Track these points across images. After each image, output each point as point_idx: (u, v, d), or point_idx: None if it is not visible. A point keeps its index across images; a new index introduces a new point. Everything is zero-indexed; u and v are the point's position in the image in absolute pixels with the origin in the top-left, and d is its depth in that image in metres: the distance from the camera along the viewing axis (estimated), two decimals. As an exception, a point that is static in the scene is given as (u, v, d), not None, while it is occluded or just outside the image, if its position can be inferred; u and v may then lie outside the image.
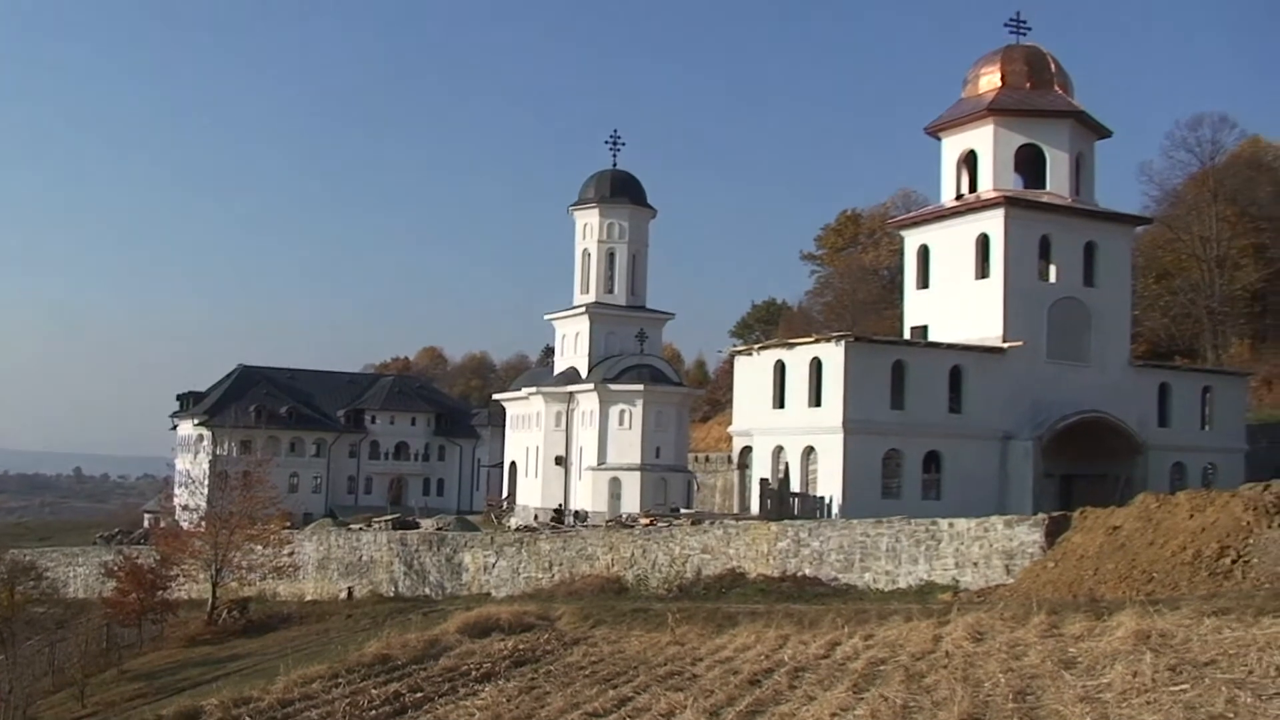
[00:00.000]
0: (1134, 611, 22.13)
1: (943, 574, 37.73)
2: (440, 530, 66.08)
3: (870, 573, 40.05)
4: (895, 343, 55.88)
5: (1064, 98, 59.37)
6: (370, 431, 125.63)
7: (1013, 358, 54.35)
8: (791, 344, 55.35)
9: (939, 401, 53.11)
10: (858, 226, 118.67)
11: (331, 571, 64.41)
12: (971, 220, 56.95)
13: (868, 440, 50.77)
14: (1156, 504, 33.47)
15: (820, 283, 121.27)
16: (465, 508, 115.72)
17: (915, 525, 39.49)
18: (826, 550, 41.74)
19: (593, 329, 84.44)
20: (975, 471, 52.83)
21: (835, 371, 51.22)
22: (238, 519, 58.68)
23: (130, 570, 59.53)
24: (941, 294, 58.32)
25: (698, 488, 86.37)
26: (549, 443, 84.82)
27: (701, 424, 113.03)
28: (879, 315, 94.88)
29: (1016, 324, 54.90)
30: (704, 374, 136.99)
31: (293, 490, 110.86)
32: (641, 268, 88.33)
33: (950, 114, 60.91)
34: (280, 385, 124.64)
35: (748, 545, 44.55)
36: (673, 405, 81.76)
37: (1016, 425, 53.92)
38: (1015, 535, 36.21)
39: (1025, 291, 55.54)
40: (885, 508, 46.72)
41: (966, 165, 60.19)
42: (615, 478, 79.16)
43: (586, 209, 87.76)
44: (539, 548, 54.05)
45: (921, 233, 60.29)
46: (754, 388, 56.59)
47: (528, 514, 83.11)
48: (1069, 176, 58.17)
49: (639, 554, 48.74)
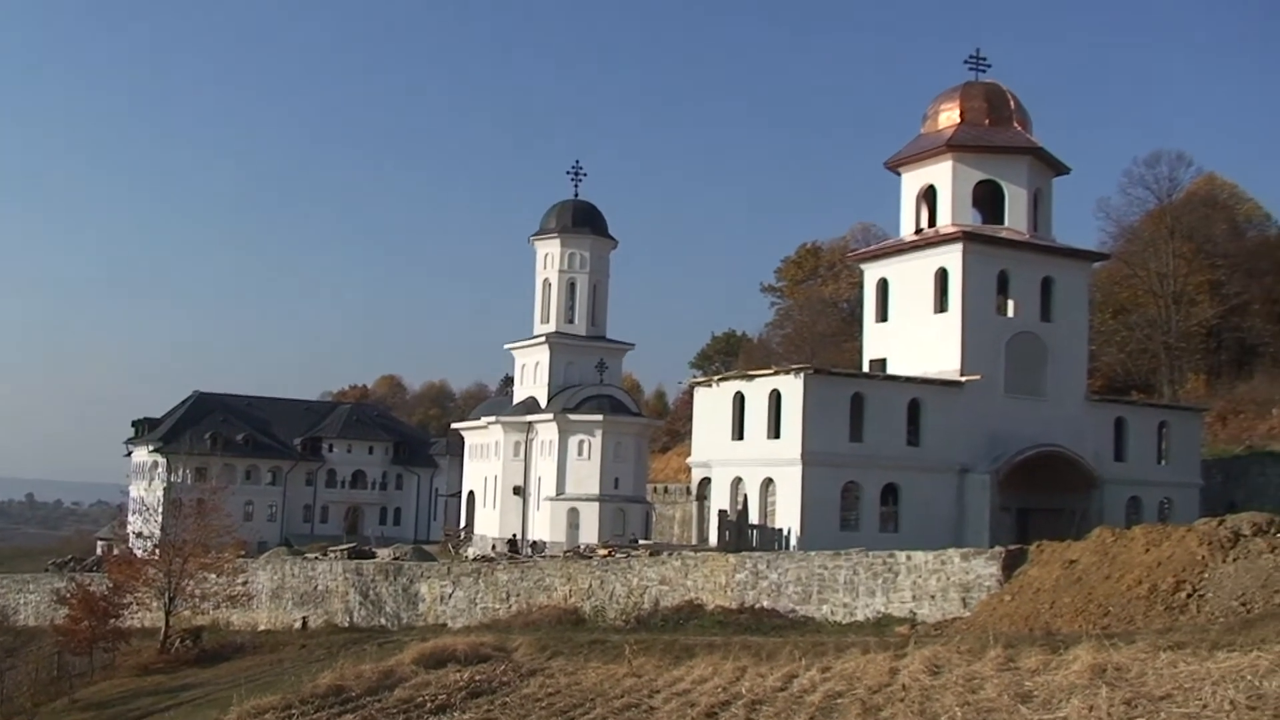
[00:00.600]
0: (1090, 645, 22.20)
1: (900, 606, 37.76)
2: (397, 560, 65.65)
3: (828, 605, 40.03)
4: (854, 375, 56.01)
5: (1022, 134, 59.91)
6: (327, 460, 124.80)
7: (970, 391, 54.61)
8: (751, 375, 55.41)
9: (897, 434, 53.24)
10: (817, 259, 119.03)
11: (286, 601, 63.81)
12: (930, 254, 57.27)
13: (826, 472, 50.80)
14: (1113, 538, 33.65)
15: (780, 315, 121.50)
16: (422, 537, 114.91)
17: (873, 558, 39.54)
18: (784, 582, 41.71)
19: (552, 359, 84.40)
20: (933, 504, 52.97)
21: (794, 403, 51.29)
22: (192, 547, 58.16)
23: (82, 598, 58.87)
24: (900, 327, 58.56)
25: (656, 519, 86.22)
26: (507, 472, 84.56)
27: (660, 455, 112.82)
28: (838, 348, 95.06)
29: (974, 358, 55.18)
30: (663, 405, 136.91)
31: (248, 518, 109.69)
32: (602, 298, 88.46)
33: (910, 149, 61.33)
34: (237, 412, 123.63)
35: (706, 577, 44.46)
36: (632, 436, 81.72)
37: (974, 458, 54.13)
38: (972, 568, 36.29)
39: (983, 326, 55.87)
40: (843, 540, 46.75)
41: (926, 200, 60.56)
42: (574, 508, 78.95)
43: (548, 239, 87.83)
44: (496, 578, 53.76)
45: (881, 266, 60.56)
46: (713, 419, 56.59)
47: (485, 544, 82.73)
48: (1027, 212, 58.63)
49: (597, 585, 48.56)
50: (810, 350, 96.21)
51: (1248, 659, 19.17)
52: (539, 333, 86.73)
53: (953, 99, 60.76)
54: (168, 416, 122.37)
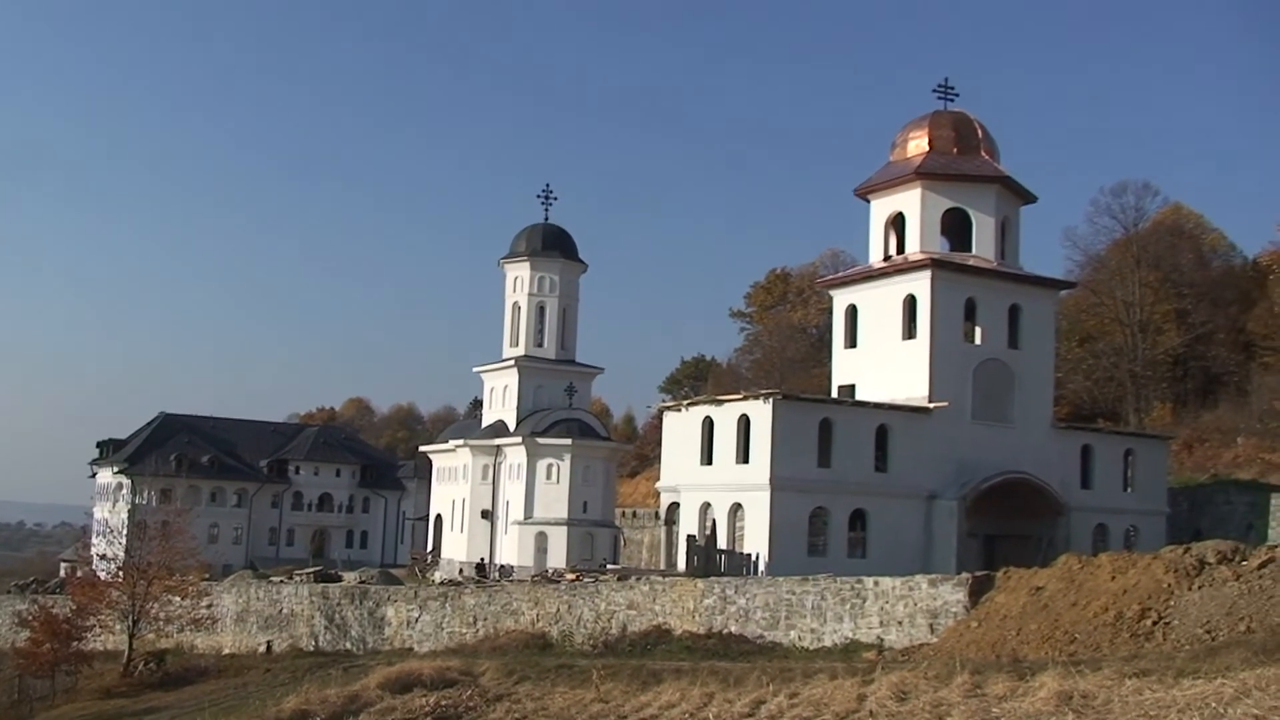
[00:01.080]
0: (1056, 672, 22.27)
1: (867, 632, 37.78)
2: (363, 583, 65.30)
3: (796, 630, 40.02)
4: (823, 401, 56.12)
5: (990, 163, 60.35)
6: (294, 482, 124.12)
7: (938, 418, 54.83)
8: (720, 401, 55.51)
9: (865, 460, 53.39)
10: (787, 285, 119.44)
11: (251, 624, 63.36)
12: (899, 281, 57.54)
13: (795, 498, 50.89)
14: (1079, 565, 33.79)
15: (749, 340, 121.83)
16: (389, 561, 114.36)
17: (841, 583, 39.57)
18: (752, 608, 41.68)
19: (521, 382, 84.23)
20: (900, 530, 53.11)
21: (763, 429, 51.39)
22: (156, 569, 57.76)
23: (45, 620, 58.31)
24: (869, 353, 58.77)
25: (625, 543, 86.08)
26: (475, 496, 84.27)
27: (629, 479, 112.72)
28: (807, 373, 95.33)
29: (942, 384, 55.43)
30: (632, 429, 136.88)
31: (213, 541, 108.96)
32: (571, 321, 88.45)
33: (879, 177, 61.67)
34: (202, 434, 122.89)
35: (674, 602, 44.40)
36: (601, 460, 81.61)
37: (941, 485, 54.32)
38: (939, 594, 36.36)
39: (951, 352, 56.15)
40: (811, 565, 46.85)
41: (894, 227, 60.88)
42: (542, 532, 78.73)
43: (517, 262, 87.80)
44: (463, 602, 53.54)
45: (850, 293, 60.79)
46: (682, 444, 56.61)
47: (453, 568, 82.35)
48: (994, 240, 59.01)
49: (564, 609, 48.41)
50: (779, 376, 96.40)
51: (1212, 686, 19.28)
52: (508, 356, 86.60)
53: (921, 127, 61.17)
54: (133, 438, 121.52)
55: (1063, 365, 73.77)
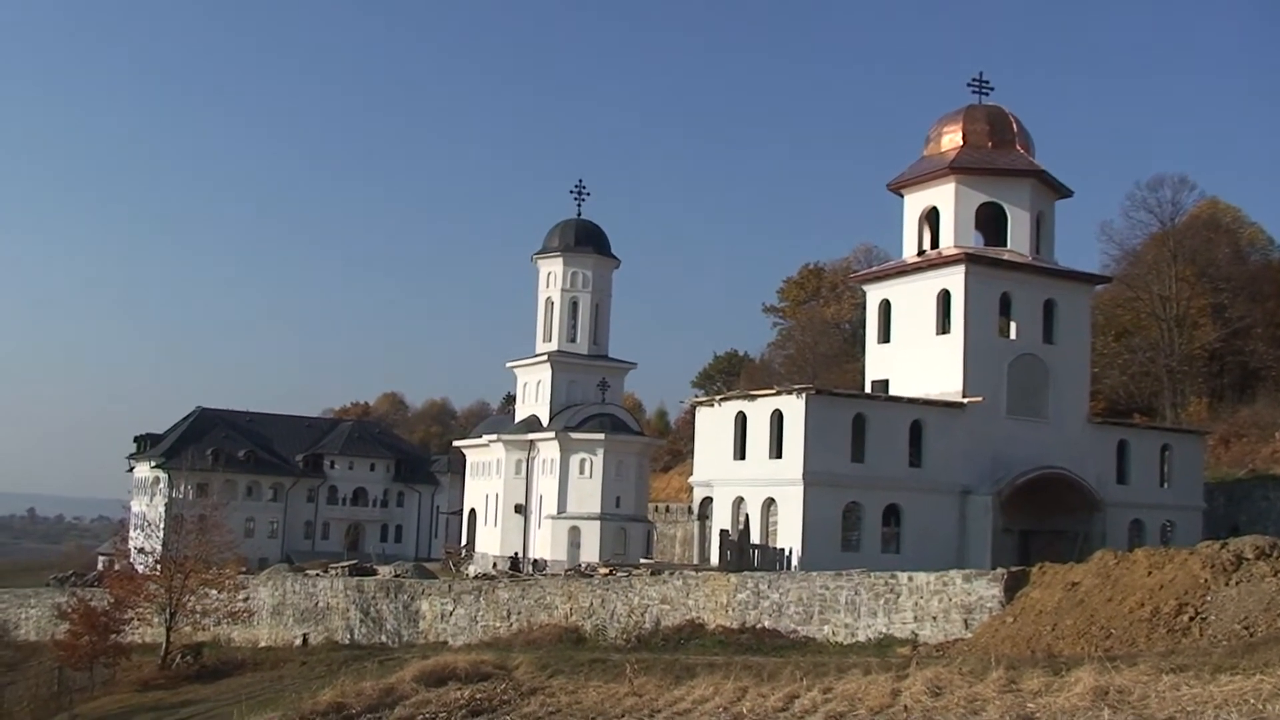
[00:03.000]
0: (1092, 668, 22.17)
1: (901, 628, 37.70)
2: (398, 577, 65.51)
3: (829, 625, 39.97)
4: (856, 396, 55.99)
5: (1025, 157, 60.01)
6: (328, 477, 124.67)
7: (972, 413, 54.62)
8: (753, 395, 55.47)
9: (899, 455, 53.25)
10: (819, 280, 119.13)
11: (287, 618, 63.71)
12: (933, 276, 57.33)
13: (828, 493, 50.83)
14: (1115, 561, 33.62)
15: (782, 335, 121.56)
16: (423, 555, 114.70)
17: (875, 578, 39.49)
18: (786, 602, 41.65)
19: (554, 377, 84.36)
20: (934, 526, 52.95)
21: (796, 424, 51.33)
22: (193, 563, 58.12)
23: (83, 613, 58.83)
24: (902, 348, 58.59)
25: (657, 538, 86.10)
26: (509, 490, 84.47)
27: (662, 474, 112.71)
28: (840, 369, 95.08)
29: (976, 380, 55.21)
30: (665, 424, 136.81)
31: (249, 535, 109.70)
32: (604, 317, 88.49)
33: (912, 171, 61.45)
34: (238, 428, 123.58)
35: (707, 596, 44.40)
36: (633, 455, 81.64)
37: (976, 480, 54.13)
38: (974, 590, 36.25)
39: (985, 348, 55.90)
40: (845, 560, 46.69)
41: (928, 222, 60.66)
42: (575, 526, 78.83)
43: (550, 258, 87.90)
44: (497, 596, 53.68)
45: (883, 288, 60.64)
46: (715, 439, 56.61)
47: (486, 562, 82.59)
48: (1029, 235, 58.70)
49: (598, 604, 48.49)
50: (812, 371, 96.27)
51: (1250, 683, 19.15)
52: (541, 351, 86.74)
53: (955, 122, 60.90)
54: (170, 432, 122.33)
55: (1098, 360, 73.23)
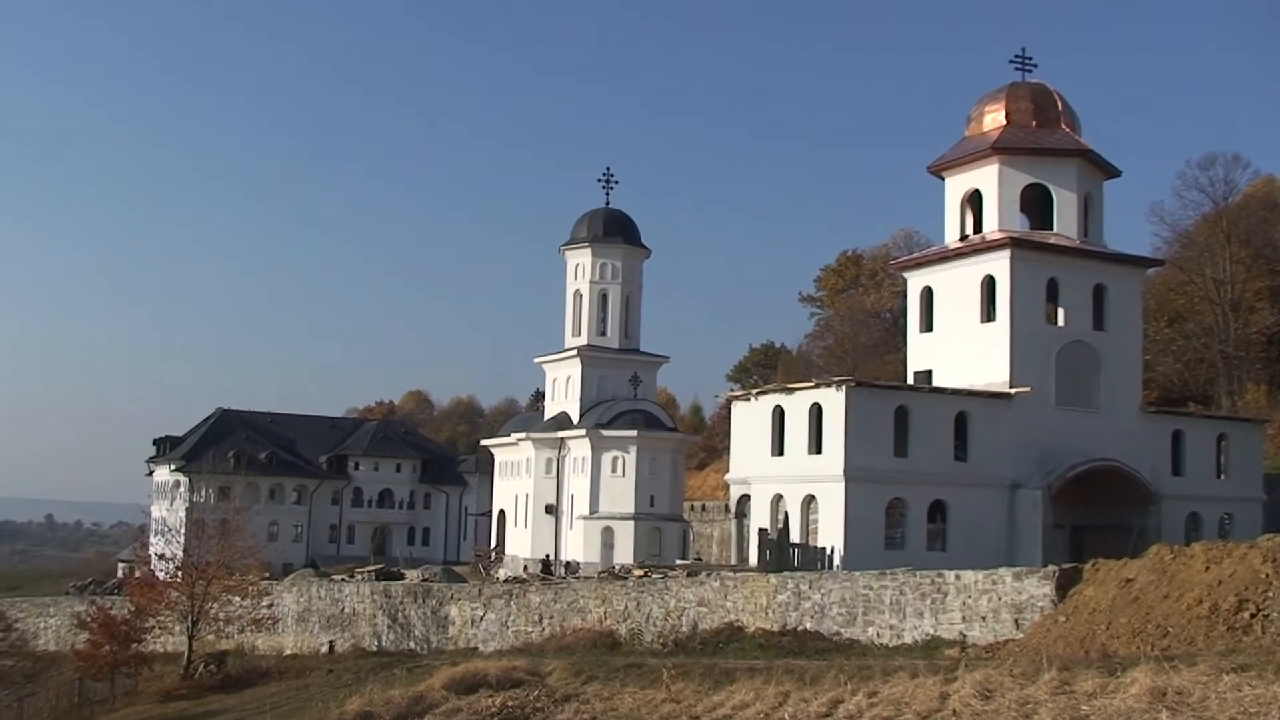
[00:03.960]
0: (1149, 668, 22.02)
1: (949, 628, 37.55)
2: (426, 581, 65.75)
3: (874, 627, 39.86)
4: (898, 388, 55.88)
5: (1071, 136, 59.67)
6: (353, 478, 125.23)
7: (1020, 404, 54.37)
8: (790, 389, 55.39)
9: (944, 449, 53.06)
10: (858, 267, 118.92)
11: (312, 624, 64.02)
12: (976, 262, 57.09)
13: (870, 489, 50.72)
14: (1171, 556, 33.35)
15: (820, 325, 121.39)
16: (452, 558, 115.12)
17: (920, 577, 39.34)
18: (828, 603, 41.56)
19: (584, 373, 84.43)
20: (982, 522, 52.75)
21: (836, 417, 51.22)
22: (215, 569, 58.38)
23: (103, 622, 59.19)
24: (946, 338, 58.40)
25: (693, 538, 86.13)
26: (539, 490, 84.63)
27: (697, 471, 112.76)
28: (881, 359, 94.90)
29: (1024, 369, 54.95)
30: (700, 420, 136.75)
31: (272, 539, 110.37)
32: (635, 309, 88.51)
33: (954, 153, 61.19)
34: (260, 430, 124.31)
35: (746, 598, 44.36)
36: (667, 452, 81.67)
37: (1025, 474, 53.88)
38: (1024, 588, 36.06)
39: (1032, 335, 55.62)
40: (889, 559, 46.65)
41: (971, 205, 60.41)
42: (608, 527, 78.94)
43: (578, 249, 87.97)
44: (528, 600, 53.78)
45: (925, 274, 60.43)
46: (752, 434, 56.54)
47: (517, 565, 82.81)
48: (1077, 217, 58.36)
49: (633, 607, 48.50)
50: (852, 362, 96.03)
51: (1316, 682, 18.98)
52: (570, 346, 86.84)
53: (998, 100, 60.58)
54: (190, 434, 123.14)
55: (1151, 347, 72.78)
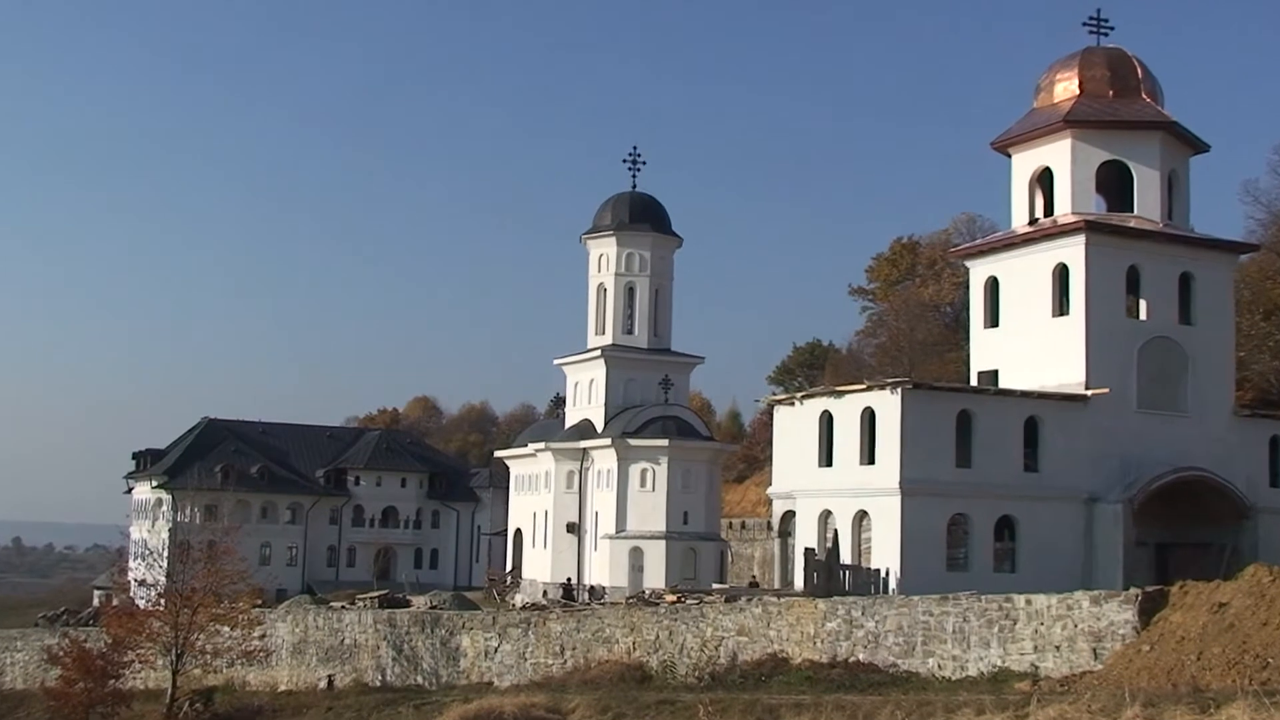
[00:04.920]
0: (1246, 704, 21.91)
1: (1019, 659, 37.46)
2: (435, 609, 65.94)
3: (934, 658, 39.79)
4: (960, 390, 55.83)
5: (1153, 107, 59.44)
6: (353, 494, 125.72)
7: (1097, 407, 54.14)
8: (840, 392, 55.33)
9: (1012, 458, 52.93)
10: (915, 256, 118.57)
11: (309, 657, 64.26)
12: (1047, 249, 56.89)
13: (930, 503, 50.64)
14: (1270, 577, 33.19)
15: (872, 321, 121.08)
16: (463, 583, 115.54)
17: (986, 602, 39.24)
18: (883, 632, 41.51)
19: (609, 375, 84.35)
20: (1055, 539, 52.57)
21: (891, 424, 51.13)
22: (201, 596, 58.53)
23: (77, 656, 59.45)
24: (1013, 334, 58.18)
25: (732, 559, 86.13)
26: (559, 507, 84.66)
27: (736, 485, 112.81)
28: (941, 358, 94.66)
29: (1101, 368, 54.70)
30: (738, 427, 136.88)
31: (264, 562, 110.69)
32: (665, 304, 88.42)
33: (1021, 126, 61.02)
34: (250, 441, 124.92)
35: (791, 626, 44.35)
36: (703, 463, 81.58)
37: (1103, 486, 53.67)
38: (1104, 614, 35.92)
39: (1111, 331, 55.36)
40: (951, 582, 46.56)
41: (1040, 185, 60.22)
42: (636, 547, 78.86)
43: (602, 237, 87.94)
44: (549, 629, 53.87)
45: (989, 263, 60.26)
46: (797, 443, 56.54)
47: (535, 590, 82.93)
48: (1160, 198, 58.13)
49: (665, 636, 48.54)
50: (909, 362, 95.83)
51: None
52: (593, 346, 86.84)
53: (1070, 68, 60.37)
54: (173, 447, 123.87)
55: (1245, 342, 72.26)
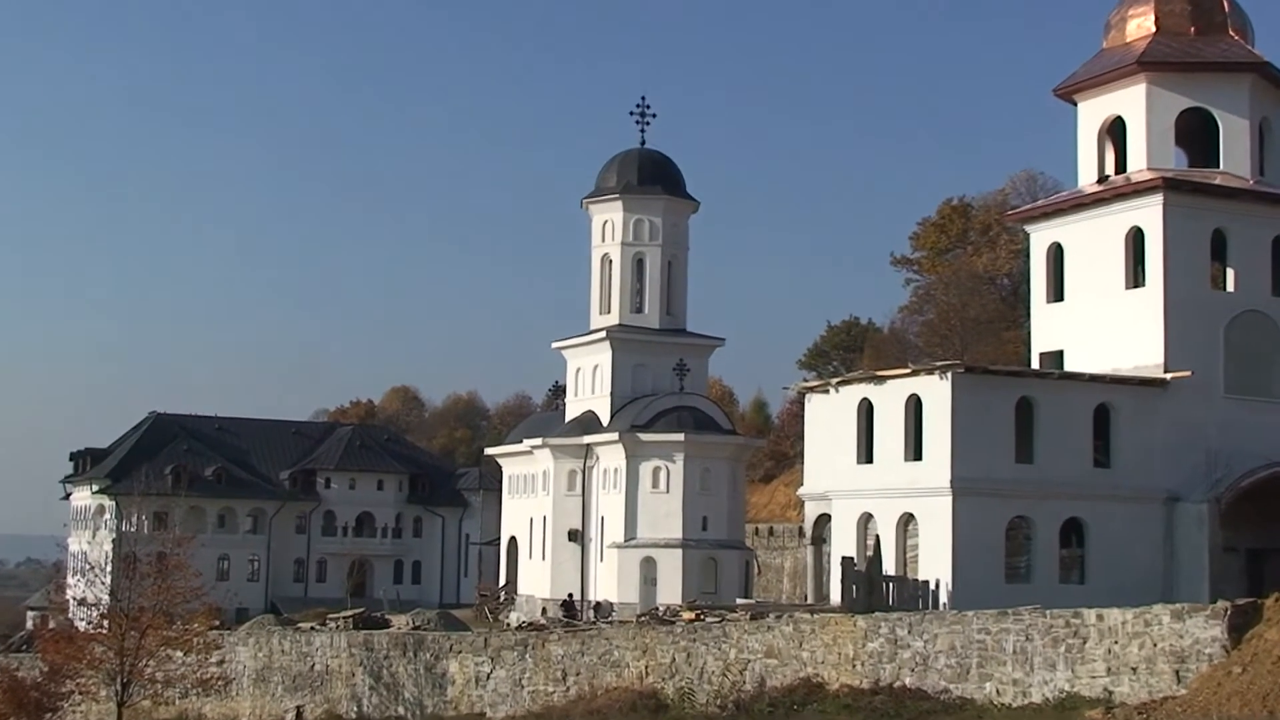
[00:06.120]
0: (1354, 733, 21.85)
1: (1090, 683, 37.41)
2: (417, 630, 66.04)
3: (992, 682, 39.74)
4: (1020, 374, 55.92)
5: (1241, 46, 59.31)
6: (323, 499, 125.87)
7: (1178, 393, 54.10)
8: (882, 377, 55.35)
9: (1080, 452, 52.99)
10: (967, 220, 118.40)
11: (274, 685, 64.39)
12: (1120, 210, 56.83)
13: (985, 505, 50.71)
14: (1379, 588, 33.15)
15: (918, 296, 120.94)
16: (450, 600, 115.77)
17: (1052, 618, 39.19)
18: (932, 653, 41.46)
19: (616, 360, 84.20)
20: (1130, 546, 52.66)
21: (940, 413, 51.13)
22: (150, 617, 58.63)
23: (8, 687, 59.59)
24: (1081, 309, 58.21)
25: (759, 570, 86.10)
26: (560, 512, 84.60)
27: (762, 485, 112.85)
28: (998, 338, 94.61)
29: (1182, 348, 54.63)
30: (765, 419, 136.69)
31: (222, 577, 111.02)
32: (680, 278, 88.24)
33: (1088, 70, 60.93)
34: (205, 439, 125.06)
35: (827, 647, 44.35)
36: (724, 461, 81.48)
37: (1186, 483, 53.70)
38: (1187, 630, 35.85)
39: (1193, 304, 55.28)
40: (1010, 595, 46.50)
41: (1111, 137, 60.15)
42: (648, 558, 78.83)
43: (606, 201, 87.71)
44: (548, 652, 53.95)
45: (1052, 228, 60.23)
46: (832, 436, 56.68)
47: (533, 607, 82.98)
48: (1250, 151, 58.08)
49: (682, 660, 48.59)
50: (960, 342, 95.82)
51: None
52: (597, 326, 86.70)
53: (1146, 2, 60.23)
54: (116, 446, 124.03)
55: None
